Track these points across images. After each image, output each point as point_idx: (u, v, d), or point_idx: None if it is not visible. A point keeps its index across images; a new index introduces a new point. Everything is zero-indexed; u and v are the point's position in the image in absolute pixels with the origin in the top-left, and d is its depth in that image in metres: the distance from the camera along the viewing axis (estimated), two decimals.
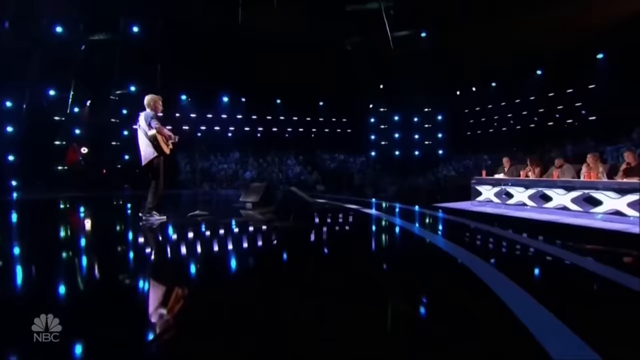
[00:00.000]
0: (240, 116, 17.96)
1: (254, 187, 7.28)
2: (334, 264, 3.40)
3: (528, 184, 7.68)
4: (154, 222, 5.12)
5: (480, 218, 6.27)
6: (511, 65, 14.07)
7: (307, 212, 5.74)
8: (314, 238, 4.51)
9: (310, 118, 19.21)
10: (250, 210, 6.65)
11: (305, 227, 5.14)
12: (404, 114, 19.39)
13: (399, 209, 7.27)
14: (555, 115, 14.80)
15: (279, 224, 5.24)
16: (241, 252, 3.83)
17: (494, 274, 2.91)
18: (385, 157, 18.71)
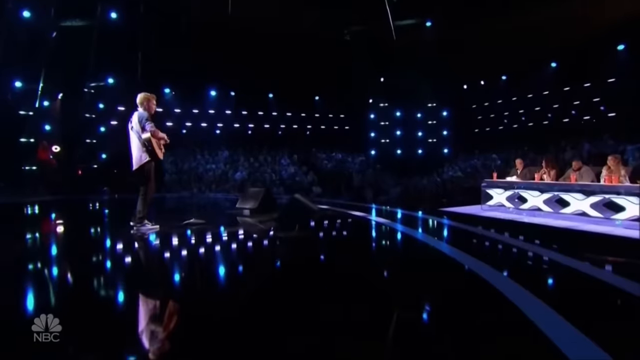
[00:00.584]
0: (229, 111, 17.79)
1: (252, 192, 7.25)
2: (348, 284, 3.27)
3: (544, 187, 7.65)
4: (145, 232, 5.08)
5: (498, 226, 6.30)
6: (523, 57, 13.94)
7: (313, 221, 5.63)
8: (323, 252, 4.44)
9: (305, 114, 19.12)
10: (249, 217, 6.62)
11: (313, 239, 5.09)
12: (406, 109, 19.37)
13: (409, 217, 7.21)
14: (571, 111, 14.69)
15: (284, 235, 5.19)
16: (244, 269, 3.75)
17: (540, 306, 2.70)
18: (386, 157, 18.64)
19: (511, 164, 13.96)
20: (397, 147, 19.50)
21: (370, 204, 9.30)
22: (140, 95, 5.14)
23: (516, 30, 12.70)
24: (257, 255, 4.35)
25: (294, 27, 13.76)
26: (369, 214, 7.49)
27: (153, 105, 5.13)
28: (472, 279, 3.27)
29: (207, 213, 7.09)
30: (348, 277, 3.44)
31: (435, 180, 13.40)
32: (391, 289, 3.11)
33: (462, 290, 3.08)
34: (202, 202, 6.89)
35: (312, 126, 19.38)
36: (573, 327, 2.26)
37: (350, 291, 3.03)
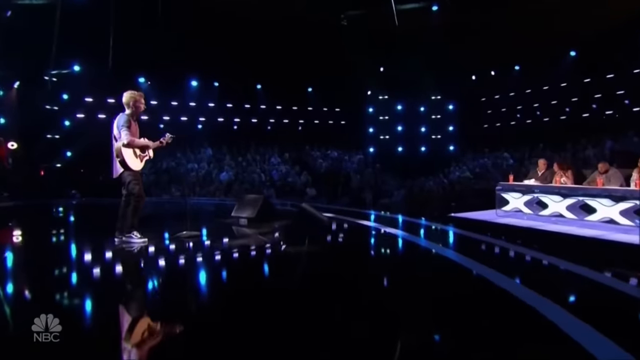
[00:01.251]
0: (212, 104, 17.57)
1: (249, 199, 7.20)
2: (380, 316, 3.07)
3: (566, 192, 7.61)
4: (131, 246, 5.00)
5: (523, 236, 6.36)
6: (539, 44, 13.66)
7: (323, 234, 5.49)
8: (340, 272, 4.26)
9: (296, 107, 18.99)
10: (247, 228, 6.57)
11: (326, 255, 5.00)
12: (408, 102, 19.23)
13: (426, 228, 7.13)
14: (592, 105, 14.46)
15: (293, 250, 5.07)
16: (252, 294, 3.57)
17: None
18: (385, 155, 18.48)
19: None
20: (398, 144, 19.35)
21: (377, 210, 9.15)
22: (126, 94, 5.04)
23: (531, 15, 12.48)
24: (266, 277, 4.20)
25: (285, 11, 13.56)
26: (381, 223, 7.31)
27: (141, 105, 5.06)
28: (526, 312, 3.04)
29: (199, 222, 6.88)
30: (378, 306, 3.26)
31: (442, 182, 13.04)
32: (429, 324, 2.90)
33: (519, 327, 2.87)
34: (188, 208, 6.66)
35: (304, 121, 19.23)
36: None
37: (380, 325, 2.85)
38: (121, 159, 4.94)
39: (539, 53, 14.44)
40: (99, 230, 6.28)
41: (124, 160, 4.95)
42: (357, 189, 13.60)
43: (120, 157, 4.93)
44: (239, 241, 5.83)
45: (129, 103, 5.02)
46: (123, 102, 5.04)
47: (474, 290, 3.65)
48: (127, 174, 5.00)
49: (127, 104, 5.03)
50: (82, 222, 7.90)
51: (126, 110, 5.04)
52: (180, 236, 5.61)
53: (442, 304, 3.23)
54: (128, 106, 5.02)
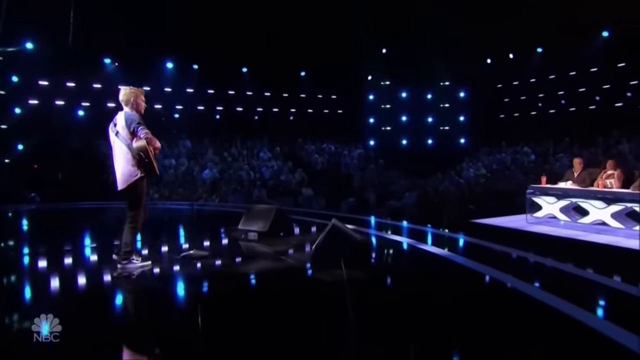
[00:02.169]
0: (192, 90, 17.05)
1: (260, 210, 6.98)
2: None
3: (612, 197, 7.48)
4: (134, 272, 4.80)
5: (571, 250, 6.35)
6: (566, 23, 13.20)
7: (357, 255, 5.13)
8: (398, 306, 3.95)
9: (287, 94, 18.54)
10: (262, 245, 6.30)
11: (371, 283, 4.66)
12: (413, 89, 19.06)
13: (464, 242, 6.86)
14: (626, 93, 14.10)
15: (329, 277, 4.67)
16: (291, 336, 3.28)
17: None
18: (388, 148, 18.24)
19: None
20: (403, 137, 19.14)
21: (391, 218, 8.92)
22: (125, 90, 4.87)
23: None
24: (309, 317, 3.73)
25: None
26: (411, 237, 6.93)
27: (142, 102, 4.91)
28: None
29: (200, 237, 6.66)
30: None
31: (457, 182, 12.44)
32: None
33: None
34: (194, 217, 6.33)
35: (296, 109, 18.84)
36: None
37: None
38: (149, 160, 4.65)
39: (565, 33, 13.86)
40: (77, 248, 6.02)
41: (151, 161, 4.68)
42: (359, 189, 12.90)
43: (148, 158, 4.64)
44: (259, 264, 5.49)
45: (128, 100, 4.81)
46: (121, 100, 4.85)
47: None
48: (141, 185, 4.78)
49: (126, 101, 4.82)
50: (51, 237, 7.21)
51: (125, 108, 4.83)
52: (186, 256, 5.39)
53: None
54: (128, 104, 4.82)
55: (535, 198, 8.36)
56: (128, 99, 4.80)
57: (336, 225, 5.12)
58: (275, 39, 15.07)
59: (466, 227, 7.99)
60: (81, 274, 5.07)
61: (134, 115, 4.72)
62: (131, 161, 4.67)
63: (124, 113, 4.77)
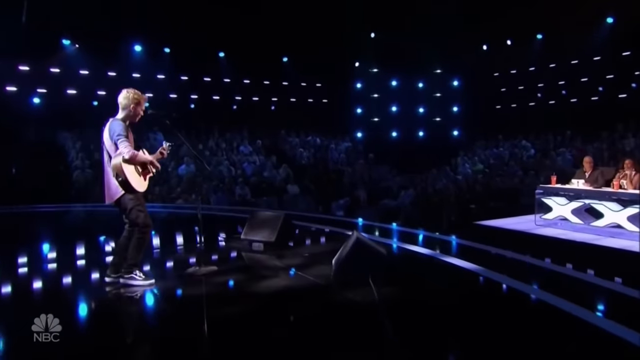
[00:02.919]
0: (163, 76, 16.50)
1: (265, 218, 6.81)
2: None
3: (628, 199, 7.37)
4: (133, 288, 4.71)
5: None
6: (567, 8, 13.17)
7: (385, 271, 5.00)
8: (440, 330, 3.81)
9: (269, 81, 18.21)
10: (273, 257, 6.10)
11: (408, 303, 4.48)
12: (403, 77, 18.89)
13: (488, 254, 6.51)
14: (631, 84, 14.09)
15: (360, 297, 4.47)
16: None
17: None
18: (378, 141, 18.07)
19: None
20: (392, 128, 19.01)
21: (404, 225, 8.69)
22: (127, 94, 4.72)
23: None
24: (341, 340, 3.57)
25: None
26: (429, 247, 6.66)
27: (140, 110, 4.79)
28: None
29: (200, 248, 6.33)
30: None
31: (455, 179, 12.19)
32: None
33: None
34: (200, 226, 6.21)
35: (278, 98, 18.52)
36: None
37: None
38: (123, 178, 4.59)
39: (567, 19, 13.76)
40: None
41: (127, 181, 4.60)
42: (349, 187, 12.54)
43: (122, 177, 4.58)
44: (276, 281, 5.18)
45: (127, 106, 4.69)
46: (119, 102, 4.72)
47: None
48: (127, 199, 4.67)
49: (124, 106, 4.70)
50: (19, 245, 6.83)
51: (120, 112, 4.70)
52: (193, 273, 5.19)
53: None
54: (125, 108, 4.69)
55: (545, 199, 8.25)
56: (127, 104, 4.67)
57: (360, 239, 4.99)
58: (255, 21, 14.79)
59: (474, 231, 7.92)
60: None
61: (119, 126, 4.57)
62: (113, 177, 4.64)
63: (110, 122, 4.65)
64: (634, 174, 7.58)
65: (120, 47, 15.57)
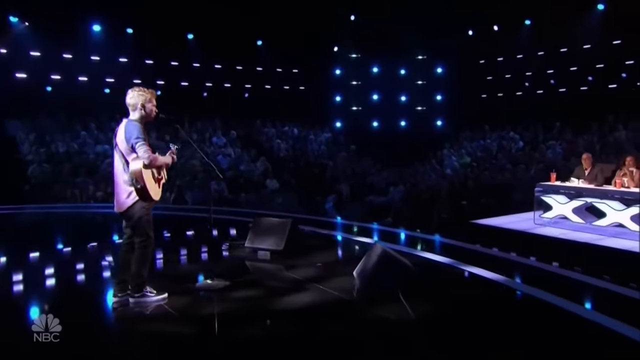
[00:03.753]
0: (125, 59, 16.15)
1: (271, 224, 6.72)
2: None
3: (631, 198, 7.41)
4: (149, 307, 4.65)
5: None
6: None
7: (412, 285, 4.92)
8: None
9: (242, 66, 17.98)
10: (276, 265, 6.12)
11: (445, 320, 4.45)
12: (385, 63, 18.80)
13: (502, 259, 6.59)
14: (621, 74, 14.26)
15: (393, 315, 4.41)
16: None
17: None
18: (358, 132, 18.05)
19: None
20: (374, 118, 18.93)
21: (411, 229, 8.56)
22: (134, 93, 4.64)
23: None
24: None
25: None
26: (449, 256, 6.54)
27: (153, 107, 4.71)
28: None
29: (198, 257, 6.34)
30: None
31: (443, 172, 12.20)
32: None
33: None
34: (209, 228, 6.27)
35: (252, 85, 18.30)
36: None
37: None
38: (141, 185, 4.50)
39: (557, 4, 13.98)
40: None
41: (145, 188, 4.52)
42: (331, 181, 12.41)
43: (141, 184, 4.49)
44: (296, 297, 5.03)
45: (136, 105, 4.60)
46: (127, 104, 4.65)
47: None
48: (139, 207, 4.58)
49: (133, 106, 4.61)
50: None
51: (131, 114, 4.62)
52: (203, 288, 5.11)
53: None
54: (135, 109, 4.61)
55: (545, 197, 8.33)
56: (136, 103, 4.58)
57: (387, 251, 4.95)
58: (228, 1, 14.80)
59: (474, 232, 7.95)
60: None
61: (135, 128, 4.48)
62: (127, 181, 4.54)
63: (126, 123, 4.56)
64: (635, 171, 7.65)
65: (76, 27, 15.17)
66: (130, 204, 4.55)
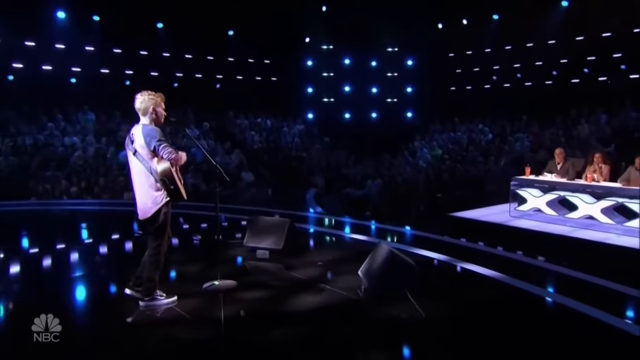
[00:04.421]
0: (92, 47, 15.65)
1: (269, 223, 6.75)
2: None
3: (602, 192, 7.83)
4: (159, 310, 4.63)
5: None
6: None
7: (417, 285, 4.97)
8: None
9: (213, 57, 17.66)
10: (277, 264, 6.12)
11: (457, 319, 4.53)
12: (357, 54, 18.71)
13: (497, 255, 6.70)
14: (583, 69, 14.61)
15: (404, 314, 4.47)
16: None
17: None
18: (331, 123, 17.96)
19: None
20: (346, 110, 18.90)
21: (394, 224, 8.65)
22: (144, 97, 4.64)
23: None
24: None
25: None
26: (445, 253, 6.61)
27: (162, 111, 4.73)
28: None
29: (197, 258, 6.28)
30: None
31: (417, 165, 12.36)
32: None
33: None
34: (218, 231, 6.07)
35: (224, 76, 17.96)
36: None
37: None
38: (175, 186, 4.52)
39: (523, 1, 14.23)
40: None
41: (178, 188, 4.56)
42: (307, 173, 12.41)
43: (174, 185, 4.52)
44: (306, 297, 5.02)
45: (147, 109, 4.60)
46: (137, 109, 4.64)
47: None
48: (163, 212, 4.57)
49: (144, 110, 4.60)
50: None
51: (142, 118, 4.61)
52: (211, 289, 5.04)
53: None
54: (146, 113, 4.61)
55: (519, 190, 8.59)
56: (146, 108, 4.58)
57: (394, 252, 5.01)
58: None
59: (454, 225, 8.13)
60: None
61: (154, 131, 4.49)
62: (154, 186, 4.54)
63: (141, 127, 4.54)
64: (604, 167, 8.01)
65: (39, 13, 14.57)
66: (156, 209, 4.51)
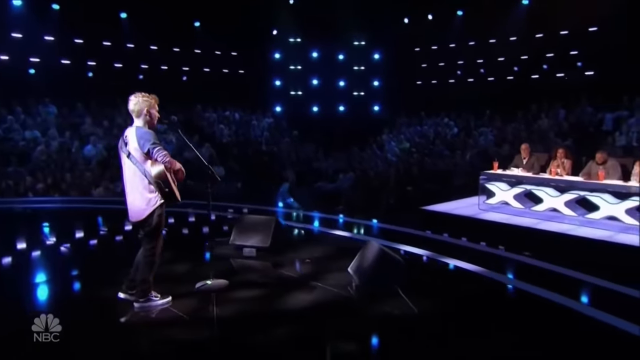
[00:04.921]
0: (51, 37, 15.19)
1: (255, 221, 6.76)
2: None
3: (565, 185, 8.10)
4: (155, 311, 4.65)
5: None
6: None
7: (406, 281, 5.05)
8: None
9: (179, 48, 17.36)
10: (265, 262, 6.16)
11: (449, 314, 4.64)
12: (325, 47, 18.70)
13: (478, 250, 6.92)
14: (542, 65, 15.02)
15: (398, 310, 4.56)
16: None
17: None
18: (299, 117, 17.95)
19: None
20: (313, 103, 18.88)
21: (366, 218, 8.76)
22: (138, 99, 4.60)
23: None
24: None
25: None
26: (429, 248, 6.75)
27: (156, 113, 4.68)
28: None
29: (191, 258, 6.16)
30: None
31: (384, 158, 12.55)
32: None
33: None
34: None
35: (190, 68, 17.69)
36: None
37: None
38: (170, 189, 4.53)
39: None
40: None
41: (172, 191, 4.56)
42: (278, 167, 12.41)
43: (169, 187, 4.52)
44: (300, 295, 5.04)
45: (141, 111, 4.57)
46: (131, 111, 4.62)
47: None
48: (157, 215, 4.56)
49: (138, 112, 4.57)
50: None
51: (136, 120, 4.59)
52: (203, 289, 5.03)
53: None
54: (139, 115, 4.58)
55: (488, 184, 8.78)
56: (140, 110, 4.54)
57: (384, 249, 5.09)
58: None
59: (426, 218, 8.31)
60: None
61: (147, 134, 4.46)
62: (148, 188, 4.50)
63: (135, 130, 4.50)
64: (566, 162, 8.33)
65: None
66: (149, 212, 4.49)
